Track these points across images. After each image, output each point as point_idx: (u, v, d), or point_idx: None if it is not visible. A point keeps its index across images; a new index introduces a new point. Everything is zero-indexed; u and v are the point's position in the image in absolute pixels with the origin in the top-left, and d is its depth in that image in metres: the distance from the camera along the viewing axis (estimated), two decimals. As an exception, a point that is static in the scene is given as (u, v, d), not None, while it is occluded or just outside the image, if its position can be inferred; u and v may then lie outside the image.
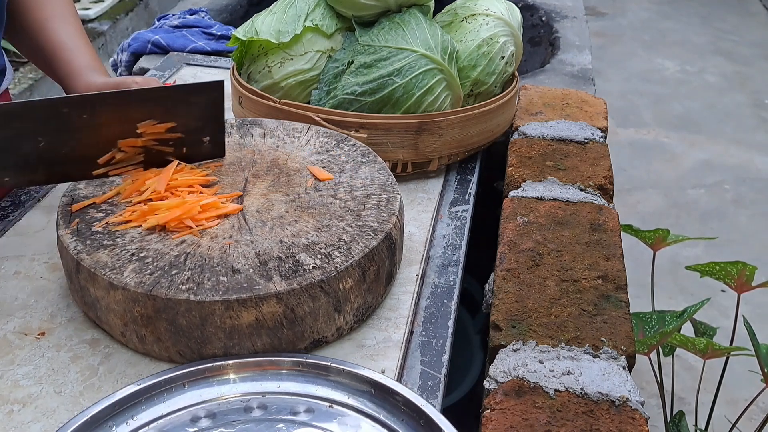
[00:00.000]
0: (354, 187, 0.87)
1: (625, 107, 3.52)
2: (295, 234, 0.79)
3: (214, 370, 0.71)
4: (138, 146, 0.85)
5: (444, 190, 1.09)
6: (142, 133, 0.84)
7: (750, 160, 3.13)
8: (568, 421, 0.68)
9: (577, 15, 1.87)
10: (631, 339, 0.78)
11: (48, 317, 0.79)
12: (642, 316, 1.30)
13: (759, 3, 4.95)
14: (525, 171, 1.08)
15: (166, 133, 0.85)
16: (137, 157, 0.86)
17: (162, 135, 0.85)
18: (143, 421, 0.66)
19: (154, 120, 0.83)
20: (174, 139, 0.86)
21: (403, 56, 1.02)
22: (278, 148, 0.95)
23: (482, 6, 1.13)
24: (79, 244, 0.76)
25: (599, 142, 1.16)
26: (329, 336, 0.76)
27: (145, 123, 0.83)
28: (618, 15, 4.67)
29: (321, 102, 1.06)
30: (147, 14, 4.15)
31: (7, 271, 0.86)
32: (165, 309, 0.70)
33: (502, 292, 0.84)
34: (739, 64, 4.04)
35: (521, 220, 0.97)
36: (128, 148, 0.84)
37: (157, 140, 0.85)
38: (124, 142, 0.83)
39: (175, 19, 1.67)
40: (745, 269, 1.26)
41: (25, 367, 0.73)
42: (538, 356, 0.75)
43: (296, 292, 0.71)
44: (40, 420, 0.67)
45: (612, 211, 0.99)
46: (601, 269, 0.88)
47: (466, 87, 1.10)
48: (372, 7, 1.08)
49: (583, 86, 1.45)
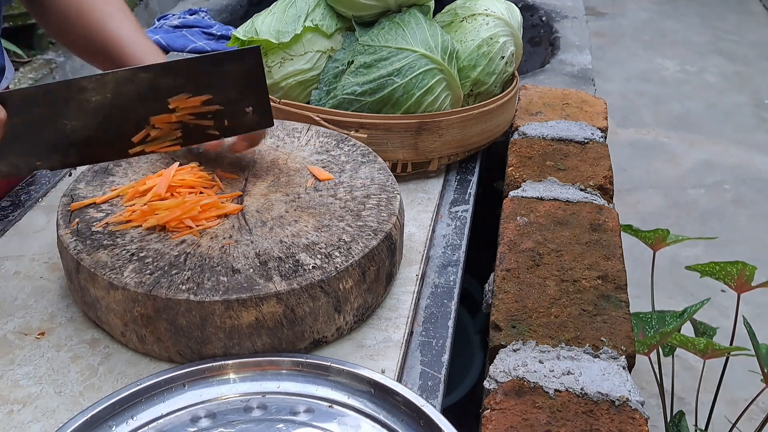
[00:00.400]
0: (354, 187, 0.87)
1: (625, 107, 3.52)
2: (295, 234, 0.79)
3: (214, 370, 0.71)
4: (173, 122, 0.79)
5: (444, 190, 1.09)
6: (175, 108, 0.78)
7: (750, 160, 3.13)
8: (568, 421, 0.68)
9: (577, 15, 1.87)
10: (631, 339, 0.78)
11: (48, 317, 0.79)
12: (642, 316, 1.30)
13: (759, 3, 4.95)
14: (525, 171, 1.08)
15: (202, 106, 0.79)
16: (174, 132, 0.80)
17: (198, 108, 0.79)
18: (143, 421, 0.66)
19: (186, 94, 0.78)
20: (212, 112, 0.80)
21: (403, 56, 1.02)
22: (278, 148, 0.95)
23: (482, 6, 1.13)
24: (79, 244, 0.76)
25: (599, 142, 1.16)
26: (329, 336, 0.76)
27: (177, 98, 0.77)
28: (618, 15, 4.67)
29: (321, 102, 1.06)
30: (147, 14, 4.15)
31: (7, 271, 0.86)
32: (165, 309, 0.70)
33: (502, 292, 0.84)
34: (739, 64, 4.04)
35: (521, 220, 0.97)
36: (162, 125, 0.79)
37: (193, 114, 0.79)
38: (157, 119, 0.78)
39: (175, 19, 1.67)
40: (745, 269, 1.26)
41: (25, 367, 0.73)
42: (538, 356, 0.75)
43: (296, 292, 0.71)
44: (40, 420, 0.67)
45: (612, 211, 0.99)
46: (601, 269, 0.88)
47: (466, 87, 1.10)
48: (372, 7, 1.08)
49: (583, 86, 1.45)
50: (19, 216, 0.95)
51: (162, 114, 0.78)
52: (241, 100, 0.81)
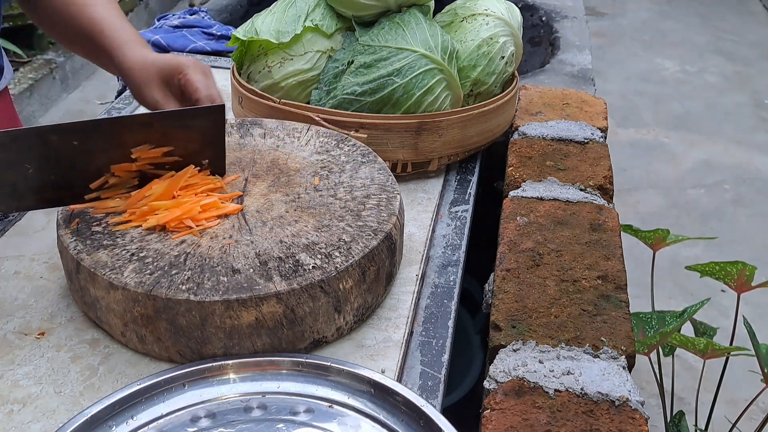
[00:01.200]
0: (354, 187, 0.87)
1: (625, 107, 3.52)
2: (295, 234, 0.79)
3: (214, 370, 0.71)
4: (132, 171, 0.81)
5: (444, 190, 1.09)
6: (137, 158, 0.80)
7: (750, 160, 3.13)
8: (568, 421, 0.68)
9: (577, 15, 1.87)
10: (631, 339, 0.78)
11: (48, 317, 0.79)
12: (642, 316, 1.30)
13: (759, 3, 4.95)
14: (525, 171, 1.08)
15: (162, 157, 0.82)
16: (132, 180, 0.82)
17: (158, 159, 0.82)
18: (143, 421, 0.66)
19: (150, 144, 0.80)
20: (171, 163, 0.83)
21: (403, 56, 1.02)
22: (278, 148, 0.95)
23: (482, 6, 1.13)
24: (79, 244, 0.76)
25: (599, 142, 1.16)
26: (329, 336, 0.76)
27: (140, 148, 0.80)
28: (618, 15, 4.67)
29: (321, 102, 1.06)
30: (147, 14, 4.15)
31: (7, 271, 0.86)
32: (165, 309, 0.70)
33: (502, 292, 0.84)
34: (739, 64, 4.04)
35: (521, 220, 0.97)
36: (122, 173, 0.81)
37: (153, 164, 0.82)
38: (118, 167, 0.80)
39: (175, 19, 1.67)
40: (745, 269, 1.26)
41: (25, 367, 0.73)
42: (538, 356, 0.75)
43: (296, 292, 0.71)
44: (40, 420, 0.67)
45: (612, 211, 1.00)
46: (601, 269, 0.88)
47: (466, 87, 1.10)
48: (372, 7, 1.08)
49: (583, 86, 1.45)
50: (19, 216, 0.95)
51: (123, 163, 0.80)
52: (200, 153, 0.84)
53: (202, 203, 0.80)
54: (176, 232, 0.78)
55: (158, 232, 0.78)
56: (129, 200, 0.81)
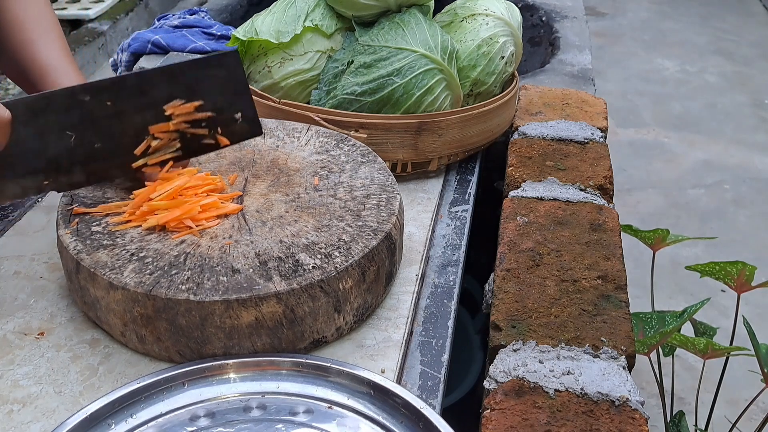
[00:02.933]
0: (354, 187, 0.87)
1: (625, 107, 3.52)
2: (294, 234, 0.79)
3: (213, 370, 0.71)
4: (171, 131, 0.82)
5: (444, 190, 1.09)
6: (172, 116, 0.81)
7: (750, 160, 3.13)
8: (568, 421, 0.68)
9: (577, 15, 1.87)
10: (631, 339, 0.78)
11: (48, 317, 0.79)
12: (642, 316, 1.30)
13: (759, 3, 4.95)
14: (525, 171, 1.08)
15: (195, 112, 0.82)
16: (173, 143, 0.83)
17: (192, 116, 0.82)
18: (142, 420, 0.66)
19: (179, 100, 0.81)
20: (206, 120, 0.83)
21: (403, 56, 1.02)
22: (278, 148, 0.95)
23: (482, 6, 1.13)
24: (79, 244, 0.76)
25: (599, 142, 1.16)
26: (329, 336, 0.76)
27: (172, 104, 0.80)
28: (618, 15, 4.67)
29: (321, 102, 1.06)
30: (147, 14, 4.15)
31: (7, 271, 0.86)
32: (165, 309, 0.70)
33: (502, 292, 0.84)
34: (739, 64, 4.04)
35: (521, 220, 0.97)
36: (162, 134, 0.81)
37: (189, 123, 0.83)
38: (156, 128, 0.81)
39: (175, 19, 1.67)
40: (745, 269, 1.26)
41: (25, 367, 0.73)
42: (538, 356, 0.75)
43: (296, 292, 0.71)
44: (40, 420, 0.67)
45: (612, 211, 0.99)
46: (601, 269, 0.88)
47: (465, 87, 1.10)
48: (372, 7, 1.08)
49: (583, 86, 1.45)
50: (19, 216, 0.95)
51: (159, 123, 0.81)
52: (230, 107, 0.84)
53: (202, 203, 0.80)
54: (176, 232, 0.78)
55: (158, 232, 0.78)
56: (133, 202, 0.81)
